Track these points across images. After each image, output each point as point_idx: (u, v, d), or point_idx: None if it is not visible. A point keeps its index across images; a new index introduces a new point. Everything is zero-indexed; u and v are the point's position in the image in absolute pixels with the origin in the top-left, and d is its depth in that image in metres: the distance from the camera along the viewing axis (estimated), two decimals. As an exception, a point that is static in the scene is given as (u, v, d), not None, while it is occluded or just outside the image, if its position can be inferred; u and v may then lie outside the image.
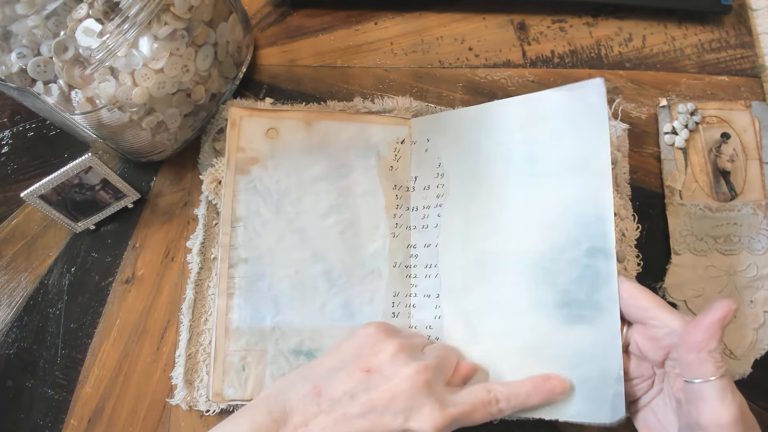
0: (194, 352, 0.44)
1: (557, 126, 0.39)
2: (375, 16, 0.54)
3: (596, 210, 0.37)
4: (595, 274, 0.36)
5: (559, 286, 0.38)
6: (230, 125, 0.45)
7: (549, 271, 0.38)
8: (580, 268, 0.37)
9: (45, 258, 0.47)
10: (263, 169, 0.45)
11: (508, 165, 0.41)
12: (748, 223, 0.46)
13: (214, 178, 0.46)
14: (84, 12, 0.37)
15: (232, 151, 0.45)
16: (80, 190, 0.44)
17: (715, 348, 0.31)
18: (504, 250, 0.40)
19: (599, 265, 0.36)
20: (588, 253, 0.37)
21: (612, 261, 0.36)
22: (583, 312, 0.37)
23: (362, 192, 0.46)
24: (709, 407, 0.31)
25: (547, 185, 0.39)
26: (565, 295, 0.37)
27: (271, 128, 0.46)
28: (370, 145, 0.46)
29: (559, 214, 0.38)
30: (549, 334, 0.38)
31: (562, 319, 0.37)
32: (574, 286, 0.37)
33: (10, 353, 0.44)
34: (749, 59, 0.53)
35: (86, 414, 0.43)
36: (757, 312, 0.45)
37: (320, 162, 0.46)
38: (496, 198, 0.41)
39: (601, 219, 0.37)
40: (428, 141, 0.46)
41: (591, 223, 0.37)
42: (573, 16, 0.54)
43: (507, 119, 0.42)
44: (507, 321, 0.39)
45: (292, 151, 0.46)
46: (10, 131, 0.50)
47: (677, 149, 0.49)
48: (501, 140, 0.42)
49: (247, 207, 0.44)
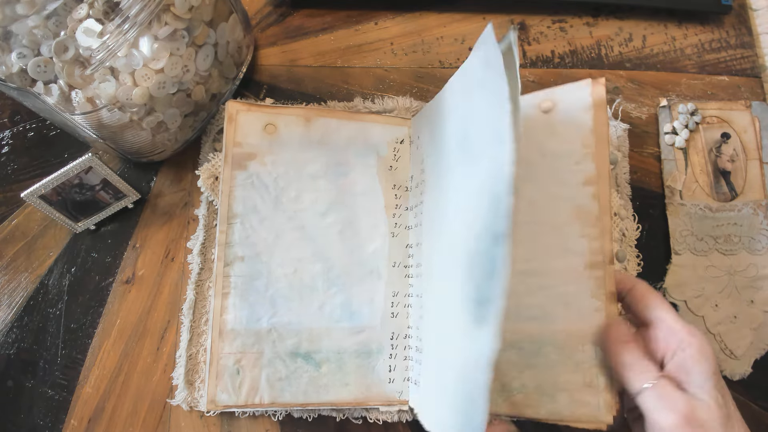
0: (195, 352, 0.44)
1: (478, 95, 0.33)
2: (375, 16, 0.54)
3: (501, 186, 0.28)
4: (492, 262, 0.28)
5: (475, 280, 0.31)
6: (227, 120, 0.44)
7: (472, 263, 0.31)
8: (488, 256, 0.29)
9: (45, 258, 0.47)
10: (261, 165, 0.44)
11: (451, 149, 0.37)
12: (748, 223, 0.46)
13: (211, 173, 0.45)
14: (84, 12, 0.37)
15: (229, 146, 0.44)
16: (80, 190, 0.44)
17: (630, 362, 0.33)
18: (450, 246, 0.36)
19: (495, 252, 0.28)
20: (492, 239, 0.29)
21: (503, 247, 0.27)
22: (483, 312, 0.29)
23: (362, 191, 0.45)
24: (648, 416, 0.32)
25: (472, 165, 0.33)
26: (478, 292, 0.30)
27: (269, 124, 0.45)
28: (370, 145, 0.46)
29: (475, 198, 0.32)
30: (461, 339, 0.32)
31: (473, 320, 0.30)
32: (484, 280, 0.29)
33: (10, 353, 0.44)
34: (749, 59, 0.53)
35: (86, 414, 0.43)
36: (757, 312, 0.45)
37: (319, 159, 0.45)
38: (444, 189, 0.38)
39: (498, 196, 0.28)
40: (418, 138, 0.45)
41: (497, 204, 0.29)
42: (573, 16, 0.54)
43: (454, 98, 0.38)
44: (446, 324, 0.35)
45: (291, 147, 0.45)
46: (10, 131, 0.50)
47: (677, 149, 0.49)
48: (449, 123, 0.38)
49: (244, 203, 0.44)
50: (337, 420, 0.42)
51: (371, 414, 0.42)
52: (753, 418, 0.44)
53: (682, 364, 0.33)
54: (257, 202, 0.44)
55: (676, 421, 0.31)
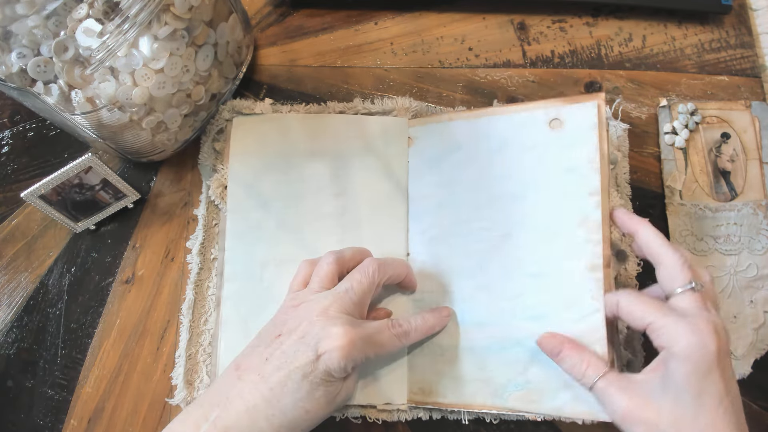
0: (194, 352, 0.44)
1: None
2: (375, 16, 0.54)
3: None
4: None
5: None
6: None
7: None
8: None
9: (45, 258, 0.47)
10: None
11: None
12: (748, 223, 0.46)
13: (220, 183, 0.46)
14: (84, 12, 0.37)
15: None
16: (80, 190, 0.44)
17: (570, 365, 0.36)
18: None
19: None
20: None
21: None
22: None
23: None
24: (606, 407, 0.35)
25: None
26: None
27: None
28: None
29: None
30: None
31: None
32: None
33: (10, 353, 0.44)
34: (749, 59, 0.53)
35: (86, 414, 0.43)
36: (757, 312, 0.45)
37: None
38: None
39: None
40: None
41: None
42: (573, 16, 0.54)
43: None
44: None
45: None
46: (10, 131, 0.50)
47: (677, 149, 0.49)
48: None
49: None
50: (336, 420, 0.42)
51: (370, 413, 0.42)
52: (753, 418, 0.44)
53: (661, 361, 0.33)
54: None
55: (616, 420, 0.34)
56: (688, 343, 0.31)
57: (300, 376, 0.33)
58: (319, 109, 0.49)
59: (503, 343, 0.40)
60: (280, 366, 0.34)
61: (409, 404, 0.41)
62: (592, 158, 0.39)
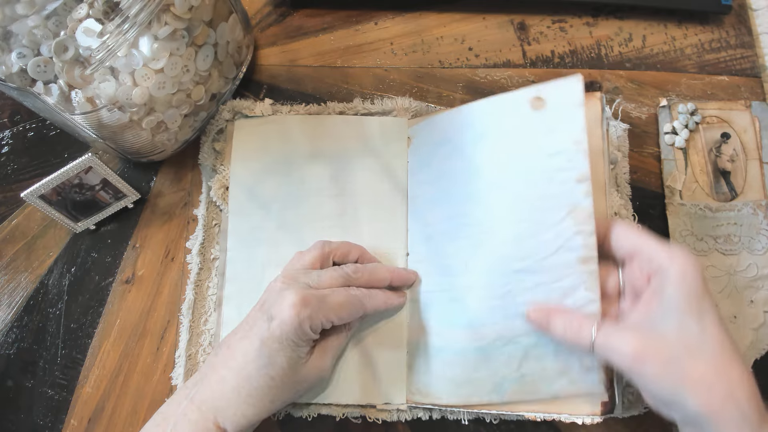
0: (194, 352, 0.44)
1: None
2: (375, 16, 0.54)
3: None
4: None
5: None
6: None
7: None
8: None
9: (45, 258, 0.47)
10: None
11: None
12: (748, 223, 0.46)
13: (222, 184, 0.46)
14: (84, 12, 0.37)
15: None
16: (80, 190, 0.44)
17: (563, 329, 0.35)
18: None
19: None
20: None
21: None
22: None
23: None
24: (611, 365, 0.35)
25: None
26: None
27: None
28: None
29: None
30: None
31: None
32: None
33: (10, 353, 0.44)
34: (749, 59, 0.53)
35: (86, 414, 0.43)
36: (757, 312, 0.45)
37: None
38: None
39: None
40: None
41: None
42: (573, 16, 0.54)
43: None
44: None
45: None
46: (10, 131, 0.50)
47: (677, 149, 0.49)
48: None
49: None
50: (336, 419, 0.42)
51: (370, 413, 0.42)
52: (753, 418, 0.44)
53: (654, 292, 0.33)
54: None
55: (626, 365, 0.32)
56: (684, 264, 0.32)
57: (259, 342, 0.35)
58: (319, 109, 0.49)
59: (496, 343, 0.39)
60: (243, 336, 0.36)
61: (409, 404, 0.41)
62: (579, 139, 0.36)
